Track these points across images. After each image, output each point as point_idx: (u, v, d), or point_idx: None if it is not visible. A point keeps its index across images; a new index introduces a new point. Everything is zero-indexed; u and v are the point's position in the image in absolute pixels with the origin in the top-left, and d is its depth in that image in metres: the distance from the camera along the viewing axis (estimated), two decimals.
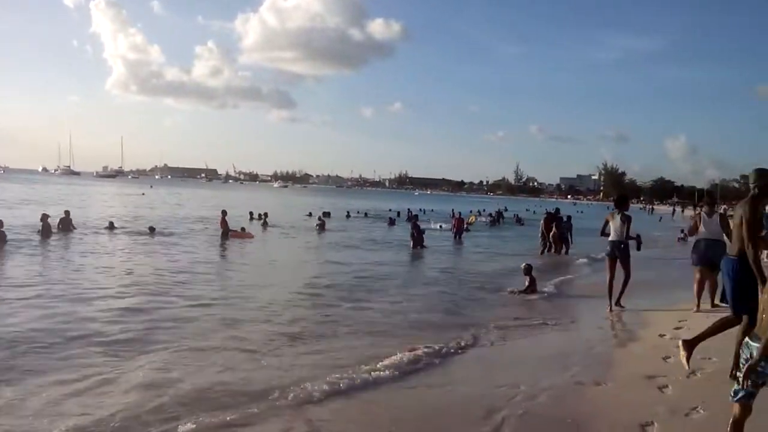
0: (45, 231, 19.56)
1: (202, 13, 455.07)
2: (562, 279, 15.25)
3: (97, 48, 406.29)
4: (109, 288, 11.46)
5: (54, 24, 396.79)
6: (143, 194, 62.97)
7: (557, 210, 22.39)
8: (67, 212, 22.29)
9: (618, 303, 10.33)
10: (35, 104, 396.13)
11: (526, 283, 12.30)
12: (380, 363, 6.80)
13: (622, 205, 10.56)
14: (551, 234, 21.06)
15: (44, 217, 20.01)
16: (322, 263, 17.14)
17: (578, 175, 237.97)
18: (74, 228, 21.68)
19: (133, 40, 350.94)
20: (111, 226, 22.88)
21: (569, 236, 21.45)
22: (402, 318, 9.87)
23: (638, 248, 10.95)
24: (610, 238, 10.24)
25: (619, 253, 10.14)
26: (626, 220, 10.14)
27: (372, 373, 6.42)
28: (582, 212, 46.87)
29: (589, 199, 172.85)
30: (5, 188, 58.16)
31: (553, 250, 21.05)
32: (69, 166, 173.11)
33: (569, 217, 22.22)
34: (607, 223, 10.37)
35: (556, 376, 6.29)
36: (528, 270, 12.53)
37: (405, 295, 12.00)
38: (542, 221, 22.09)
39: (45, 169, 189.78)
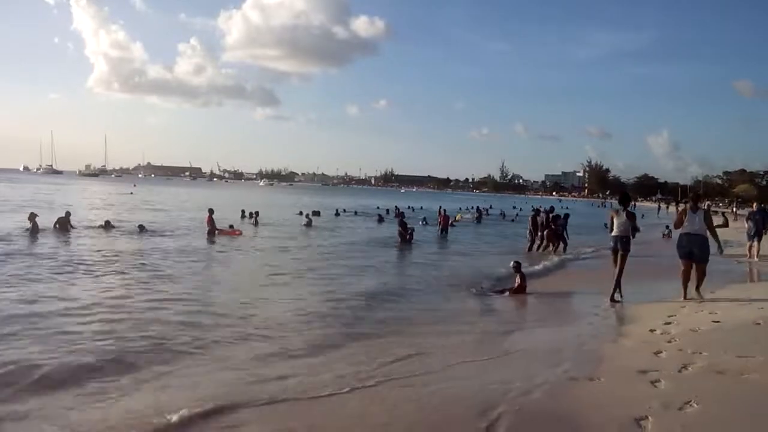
0: (33, 230, 19.48)
1: (184, 10, 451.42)
2: (552, 275, 15.39)
3: (78, 45, 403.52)
4: (92, 288, 11.42)
5: (34, 21, 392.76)
6: (131, 193, 62.65)
7: (552, 208, 22.38)
8: (67, 213, 22.43)
9: (612, 298, 10.66)
10: (16, 102, 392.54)
11: (517, 281, 12.33)
12: (374, 362, 6.86)
13: (625, 202, 11.07)
14: (545, 231, 20.99)
15: (32, 216, 20.10)
16: (311, 261, 17.06)
17: (563, 172, 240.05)
18: (72, 227, 21.60)
19: (114, 37, 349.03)
20: (107, 225, 22.82)
21: (565, 233, 21.32)
22: (391, 317, 9.89)
23: (633, 236, 11.29)
24: (613, 234, 10.76)
25: (621, 247, 10.62)
26: (631, 217, 10.69)
27: (367, 372, 6.46)
28: (567, 208, 47.10)
29: (574, 196, 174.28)
30: None
31: (542, 247, 21.00)
32: (51, 165, 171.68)
33: (567, 215, 22.12)
34: (612, 219, 10.84)
35: (549, 372, 6.31)
36: (517, 267, 12.58)
37: (393, 295, 11.99)
38: (529, 218, 22.19)
39: (27, 168, 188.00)
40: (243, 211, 31.66)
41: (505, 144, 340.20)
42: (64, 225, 21.30)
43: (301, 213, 34.18)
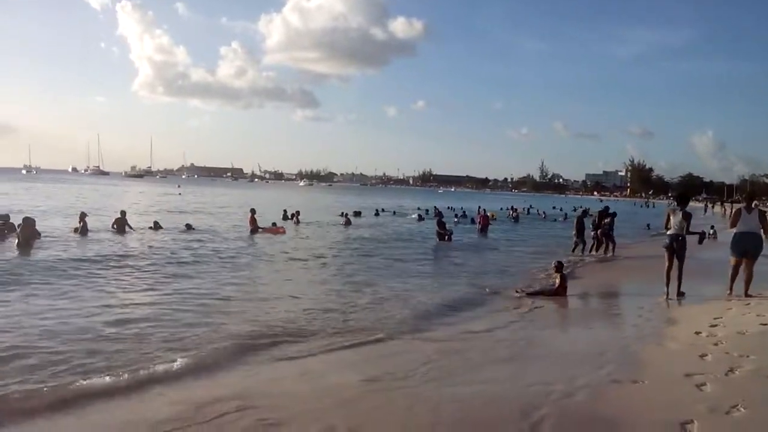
0: (83, 230, 20.16)
1: (226, 14, 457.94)
2: (593, 276, 15.21)
3: (123, 50, 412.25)
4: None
5: (81, 26, 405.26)
6: (180, 194, 64.07)
7: (607, 207, 21.85)
8: (123, 213, 23.05)
9: (679, 293, 10.88)
10: (64, 106, 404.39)
11: (557, 281, 12.22)
12: (415, 362, 6.89)
13: (684, 202, 11.37)
14: (598, 231, 20.47)
15: (82, 216, 20.89)
16: (348, 261, 17.04)
17: (604, 172, 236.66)
18: (131, 228, 22.14)
19: (158, 41, 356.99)
20: (156, 226, 23.42)
21: (612, 233, 20.56)
22: (429, 317, 9.88)
23: (700, 242, 11.87)
24: (669, 232, 10.99)
25: (677, 246, 10.84)
26: (687, 217, 10.87)
27: (406, 372, 6.50)
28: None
29: (615, 196, 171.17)
30: (47, 190, 59.51)
31: (593, 248, 20.41)
32: (98, 167, 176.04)
33: (614, 214, 21.54)
34: (668, 217, 11.04)
35: (591, 374, 6.28)
36: (559, 268, 12.45)
37: (430, 295, 11.99)
38: (575, 219, 21.82)
39: (75, 169, 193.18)
40: (285, 212, 32.09)
41: (545, 143, 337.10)
42: (121, 225, 21.96)
43: (343, 214, 34.50)
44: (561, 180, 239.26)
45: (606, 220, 20.47)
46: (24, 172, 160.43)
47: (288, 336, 8.15)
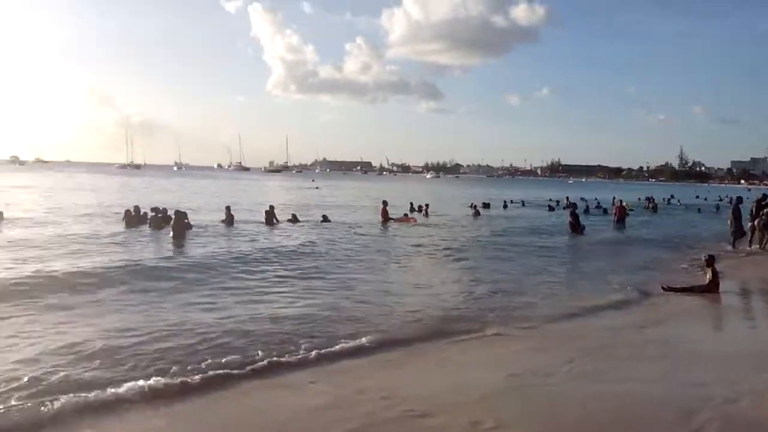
0: (228, 220, 21.91)
1: (349, 10, 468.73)
2: (750, 272, 14.10)
3: (257, 50, 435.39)
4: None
5: (217, 29, 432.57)
6: (317, 188, 66.52)
7: (765, 196, 20.09)
8: (271, 207, 24.34)
9: None
10: (207, 105, 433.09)
11: (708, 277, 11.40)
12: (557, 358, 6.73)
13: None
14: (756, 222, 18.89)
15: (228, 209, 22.64)
16: (480, 253, 16.82)
17: (752, 158, 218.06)
18: (277, 221, 23.36)
19: (289, 41, 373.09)
20: (294, 219, 24.29)
21: None
22: (570, 312, 9.54)
23: None
24: None
25: None
26: None
27: (547, 369, 6.36)
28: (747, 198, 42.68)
29: (766, 184, 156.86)
30: (198, 185, 64.08)
31: (752, 241, 18.53)
32: (240, 163, 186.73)
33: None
34: None
35: (754, 377, 5.87)
36: (710, 261, 11.56)
37: (569, 289, 11.70)
38: (732, 208, 20.18)
39: (220, 166, 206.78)
40: (411, 204, 32.37)
41: (683, 129, 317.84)
42: (269, 218, 23.32)
43: (472, 206, 34.33)
44: (703, 168, 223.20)
45: (765, 210, 18.66)
46: (175, 168, 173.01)
47: (424, 329, 8.18)
